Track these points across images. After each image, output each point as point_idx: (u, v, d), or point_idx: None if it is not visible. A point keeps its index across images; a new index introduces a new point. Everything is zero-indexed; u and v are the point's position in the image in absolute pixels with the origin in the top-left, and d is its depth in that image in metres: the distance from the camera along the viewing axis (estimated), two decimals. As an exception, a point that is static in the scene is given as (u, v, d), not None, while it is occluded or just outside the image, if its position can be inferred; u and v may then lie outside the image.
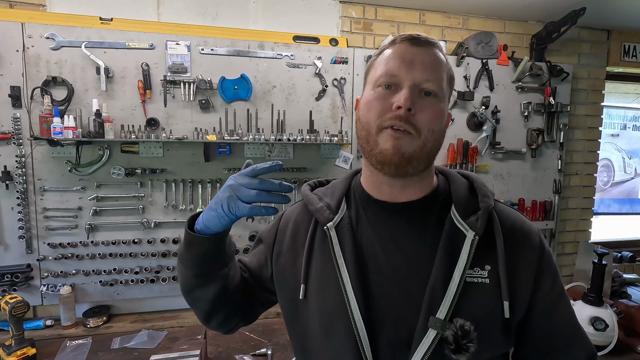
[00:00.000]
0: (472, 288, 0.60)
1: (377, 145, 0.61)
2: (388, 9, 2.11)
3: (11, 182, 1.63)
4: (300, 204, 0.79)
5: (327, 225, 0.67)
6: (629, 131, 3.01)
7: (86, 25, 1.67)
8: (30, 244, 1.68)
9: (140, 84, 1.71)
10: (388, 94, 0.61)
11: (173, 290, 1.85)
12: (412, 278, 0.62)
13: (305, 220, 0.74)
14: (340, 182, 0.76)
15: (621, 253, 2.35)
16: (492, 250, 0.61)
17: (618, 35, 2.46)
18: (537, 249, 0.64)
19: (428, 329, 0.58)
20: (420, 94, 0.61)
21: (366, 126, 0.63)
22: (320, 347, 0.67)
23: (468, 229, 0.61)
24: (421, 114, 0.60)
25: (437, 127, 0.62)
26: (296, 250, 0.72)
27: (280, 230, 0.77)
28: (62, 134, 1.53)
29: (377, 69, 0.65)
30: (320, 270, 0.68)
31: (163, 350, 1.50)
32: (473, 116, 2.16)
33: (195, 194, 1.85)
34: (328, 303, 0.65)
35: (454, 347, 0.58)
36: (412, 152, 0.60)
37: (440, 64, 0.63)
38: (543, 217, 2.30)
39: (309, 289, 0.68)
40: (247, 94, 1.84)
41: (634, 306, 1.64)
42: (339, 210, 0.69)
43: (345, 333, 0.62)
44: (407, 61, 0.61)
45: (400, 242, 0.65)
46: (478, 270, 0.60)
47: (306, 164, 1.97)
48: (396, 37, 0.65)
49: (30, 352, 1.40)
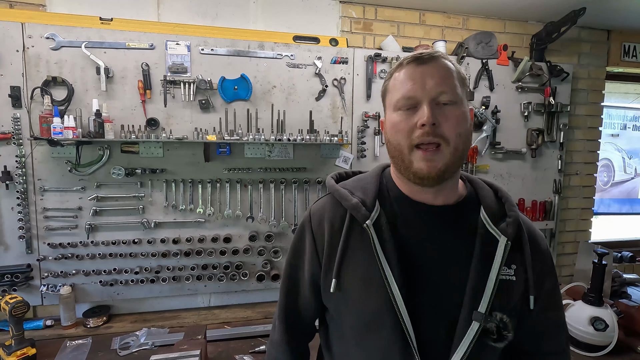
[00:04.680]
0: (504, 285, 0.68)
1: (412, 164, 0.67)
2: (388, 9, 2.11)
3: (11, 182, 1.63)
4: (328, 199, 0.79)
5: (366, 223, 0.69)
6: (629, 131, 3.01)
7: (86, 25, 1.67)
8: (30, 244, 1.68)
9: (140, 84, 1.71)
10: (410, 114, 0.67)
11: (173, 290, 1.86)
12: (451, 275, 0.69)
13: (338, 215, 0.74)
14: (370, 177, 0.78)
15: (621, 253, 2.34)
16: (517, 252, 0.70)
17: (618, 35, 2.46)
18: (545, 252, 0.75)
19: (472, 321, 0.65)
20: (439, 106, 0.66)
21: (398, 147, 0.69)
22: (364, 342, 0.70)
23: (500, 235, 0.69)
24: (446, 124, 0.65)
25: (464, 130, 0.67)
26: (334, 247, 0.73)
27: (316, 231, 0.76)
28: (62, 134, 1.53)
29: (393, 93, 0.70)
30: (361, 267, 0.70)
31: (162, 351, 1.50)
32: (473, 116, 2.15)
33: (195, 194, 1.85)
34: (372, 300, 0.68)
35: (496, 337, 0.66)
36: (446, 162, 0.66)
37: (449, 72, 0.67)
38: (543, 217, 2.30)
39: (350, 285, 0.70)
40: (247, 94, 1.84)
41: (634, 306, 1.64)
42: (374, 207, 0.71)
43: (391, 328, 0.66)
44: (419, 81, 0.66)
45: (438, 242, 0.70)
46: (506, 270, 0.69)
47: (306, 164, 1.97)
48: (402, 61, 0.70)
49: (30, 352, 1.40)
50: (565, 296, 1.84)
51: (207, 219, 1.87)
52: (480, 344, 0.65)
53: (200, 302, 1.95)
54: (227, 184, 1.87)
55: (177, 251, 1.82)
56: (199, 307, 1.94)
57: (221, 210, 1.88)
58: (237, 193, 1.89)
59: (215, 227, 1.89)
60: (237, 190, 1.89)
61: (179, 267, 1.84)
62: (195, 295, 1.92)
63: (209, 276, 1.86)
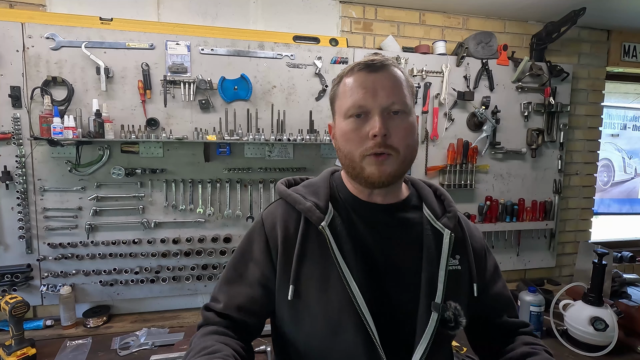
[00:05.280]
0: (452, 275, 0.73)
1: (364, 170, 0.69)
2: (388, 9, 2.11)
3: (11, 182, 1.63)
4: (280, 204, 0.78)
5: (321, 225, 0.69)
6: (629, 131, 3.01)
7: (86, 25, 1.67)
8: (30, 244, 1.68)
9: (140, 84, 1.71)
10: (361, 123, 0.68)
11: (173, 290, 1.86)
12: (405, 270, 0.72)
13: (292, 220, 0.74)
14: (320, 181, 0.79)
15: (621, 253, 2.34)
16: (459, 243, 0.76)
17: (618, 35, 2.46)
18: (482, 239, 0.84)
19: (431, 312, 0.67)
20: (389, 115, 0.68)
21: (349, 156, 0.70)
22: (327, 346, 0.68)
23: (444, 229, 0.74)
24: (395, 135, 0.67)
25: (412, 141, 0.71)
26: (289, 251, 0.71)
27: (269, 235, 0.74)
28: (62, 134, 1.53)
29: (343, 100, 0.71)
30: (319, 270, 0.69)
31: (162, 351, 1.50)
32: (473, 116, 2.16)
33: (195, 194, 1.85)
34: (333, 302, 0.67)
35: (453, 324, 0.68)
36: (395, 169, 0.69)
37: (399, 82, 0.69)
38: (543, 217, 2.30)
39: (308, 289, 0.69)
40: (247, 94, 1.84)
41: (634, 306, 1.64)
42: (327, 209, 0.72)
43: (355, 329, 0.66)
44: (370, 90, 0.67)
45: (390, 238, 0.73)
46: (452, 260, 0.74)
47: (306, 164, 1.97)
48: (354, 66, 0.70)
49: (30, 352, 1.40)
50: (565, 296, 1.84)
51: (207, 219, 1.87)
52: (439, 333, 0.67)
53: (200, 302, 1.95)
54: (227, 184, 1.87)
55: (177, 251, 1.82)
56: (199, 307, 1.94)
57: (221, 210, 1.88)
58: (237, 193, 1.89)
59: (215, 227, 1.89)
60: (237, 190, 1.89)
61: (179, 267, 1.84)
62: (195, 295, 1.92)
63: (209, 276, 1.86)
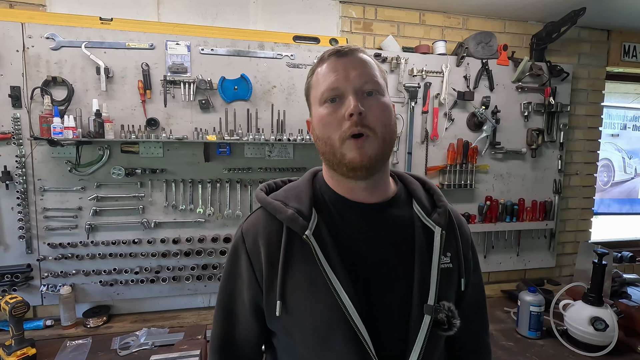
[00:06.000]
0: (444, 273, 0.70)
1: (345, 156, 0.66)
2: (388, 9, 2.11)
3: (11, 182, 1.63)
4: (260, 214, 0.73)
5: (305, 234, 0.65)
6: (629, 131, 3.01)
7: (86, 25, 1.67)
8: (30, 244, 1.68)
9: (140, 84, 1.71)
10: (336, 107, 0.66)
11: (173, 290, 1.85)
12: (397, 271, 0.68)
13: (274, 230, 0.69)
14: (302, 184, 0.75)
15: (621, 253, 2.34)
16: (450, 239, 0.73)
17: (618, 35, 2.46)
18: (469, 235, 0.80)
19: (424, 315, 0.65)
20: (363, 95, 0.66)
21: (328, 141, 0.67)
22: (319, 357, 0.66)
23: (435, 226, 0.70)
24: (371, 114, 0.65)
25: (388, 121, 0.68)
26: (274, 266, 0.68)
27: (251, 252, 0.70)
28: (62, 134, 1.53)
29: (317, 87, 0.69)
30: (306, 282, 0.66)
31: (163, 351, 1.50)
32: (473, 116, 2.16)
33: (195, 194, 1.85)
34: (322, 314, 0.64)
35: (447, 326, 0.65)
36: (376, 151, 0.65)
37: (369, 64, 0.68)
38: (543, 217, 2.30)
39: (296, 303, 0.66)
40: (247, 94, 1.84)
41: (634, 306, 1.64)
42: (311, 215, 0.67)
43: (345, 338, 0.63)
44: (342, 72, 0.66)
45: (380, 239, 0.69)
46: (443, 258, 0.71)
47: (306, 164, 1.97)
48: (323, 54, 0.70)
49: (30, 352, 1.40)
50: (566, 296, 1.84)
51: (207, 219, 1.87)
52: (433, 336, 0.65)
53: (200, 302, 1.95)
54: (227, 184, 1.87)
55: (177, 251, 1.82)
56: (199, 307, 1.94)
57: (221, 210, 1.88)
58: (237, 193, 1.89)
59: (215, 227, 1.89)
60: (237, 190, 1.89)
61: (179, 267, 1.84)
62: (195, 295, 1.92)
63: (209, 276, 1.85)
